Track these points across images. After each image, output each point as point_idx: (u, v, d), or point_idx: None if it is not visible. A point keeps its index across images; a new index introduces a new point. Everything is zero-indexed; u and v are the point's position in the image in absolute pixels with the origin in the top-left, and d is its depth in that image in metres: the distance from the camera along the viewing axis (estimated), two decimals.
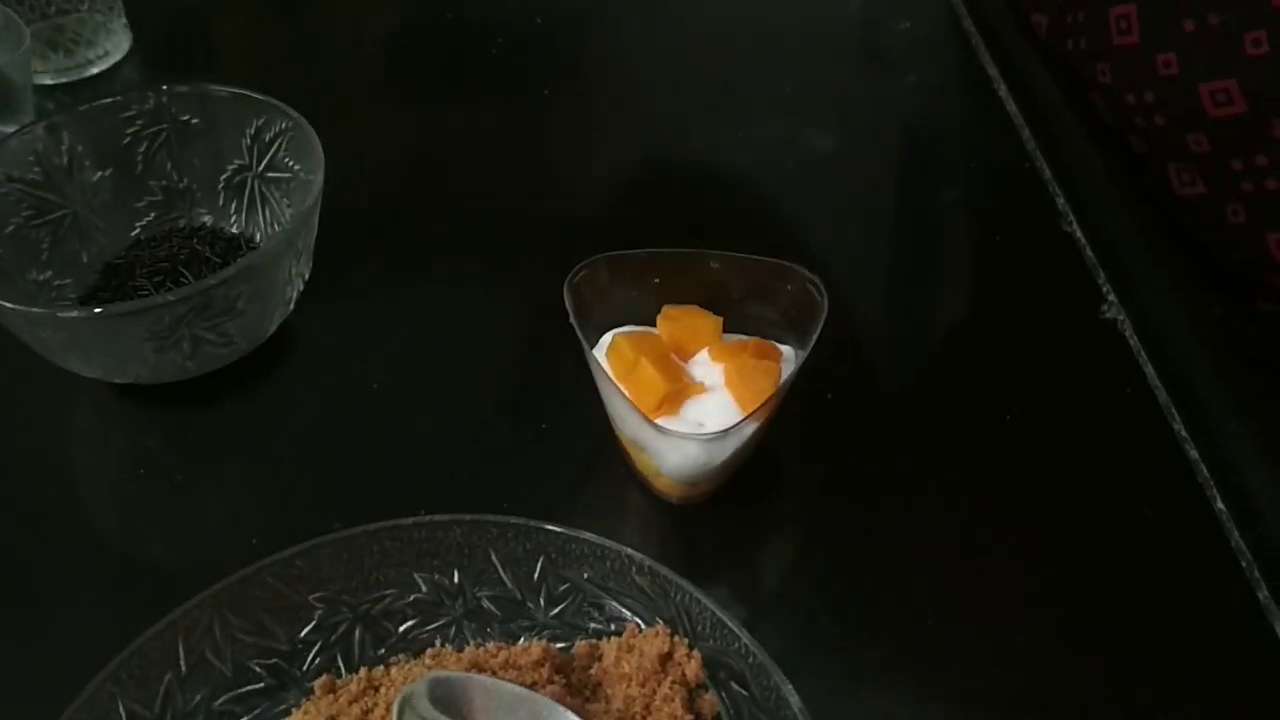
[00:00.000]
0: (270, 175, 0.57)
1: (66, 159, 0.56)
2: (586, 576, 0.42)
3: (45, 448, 0.53)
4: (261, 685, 0.41)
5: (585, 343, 0.46)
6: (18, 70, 0.61)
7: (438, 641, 0.43)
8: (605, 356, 0.47)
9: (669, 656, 0.40)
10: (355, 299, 0.59)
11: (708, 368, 0.48)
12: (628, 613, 0.42)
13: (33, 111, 0.62)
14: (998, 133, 0.70)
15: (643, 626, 0.42)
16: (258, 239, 0.58)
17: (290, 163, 0.56)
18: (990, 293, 0.61)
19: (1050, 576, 0.48)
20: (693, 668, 0.40)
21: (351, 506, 0.45)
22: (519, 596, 0.43)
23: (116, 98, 0.57)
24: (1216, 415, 0.52)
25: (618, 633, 0.42)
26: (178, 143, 0.58)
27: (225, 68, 0.76)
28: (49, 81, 0.70)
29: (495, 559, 0.43)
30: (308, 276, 0.55)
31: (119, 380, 0.53)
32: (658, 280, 0.49)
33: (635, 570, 0.41)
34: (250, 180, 0.58)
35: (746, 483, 0.49)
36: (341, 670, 0.42)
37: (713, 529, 0.49)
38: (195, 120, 0.57)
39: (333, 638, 0.42)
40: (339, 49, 0.77)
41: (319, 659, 0.42)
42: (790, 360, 0.48)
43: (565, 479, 0.51)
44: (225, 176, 0.59)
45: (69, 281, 0.56)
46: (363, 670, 0.41)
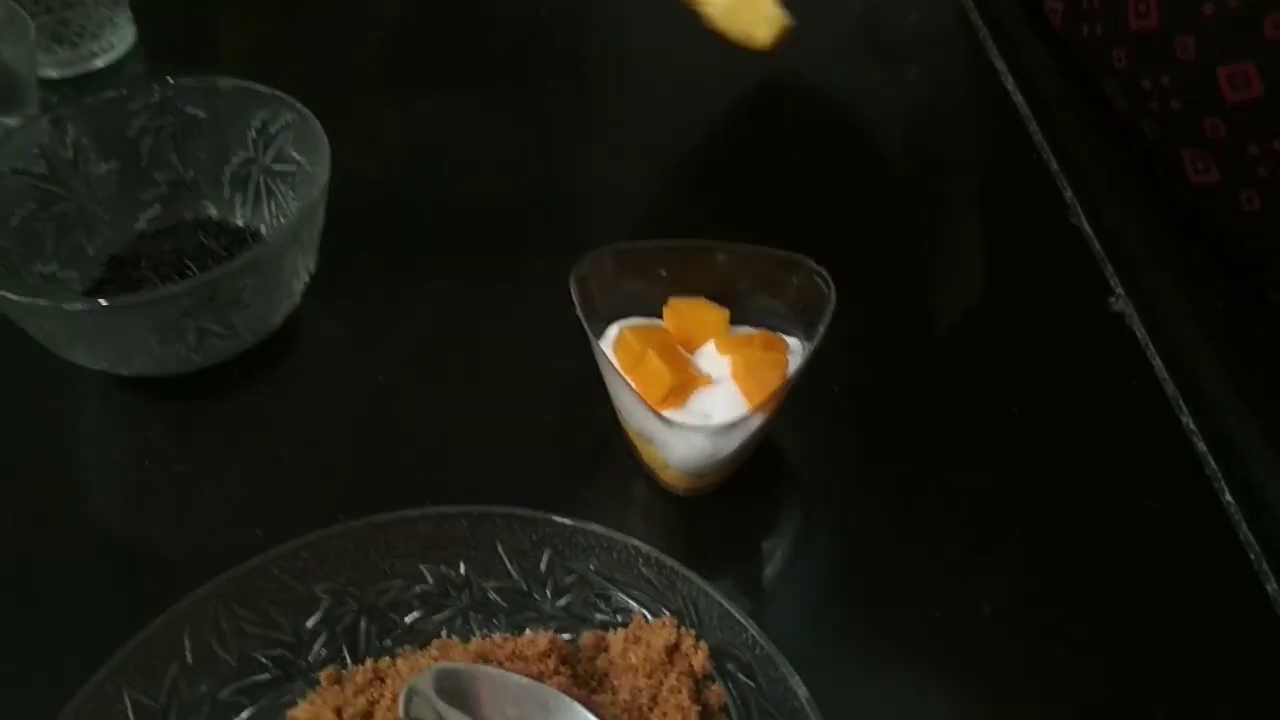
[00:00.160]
0: (275, 168, 0.57)
1: (71, 152, 0.55)
2: (593, 568, 0.42)
3: (50, 440, 0.53)
4: (267, 676, 0.41)
5: (591, 335, 0.46)
6: (22, 64, 0.60)
7: (444, 633, 0.43)
8: (612, 349, 0.47)
9: (676, 648, 0.40)
10: (361, 291, 0.58)
11: (714, 360, 0.48)
12: (634, 604, 0.42)
13: (37, 105, 0.62)
14: (1005, 126, 0.70)
15: (649, 618, 0.42)
16: (263, 232, 0.58)
17: (295, 155, 0.56)
18: (998, 285, 0.61)
19: (1057, 567, 0.47)
20: (699, 659, 0.40)
21: (357, 498, 0.45)
22: (525, 588, 0.43)
23: (121, 91, 0.57)
24: (1224, 407, 0.52)
25: (624, 624, 0.42)
26: (183, 135, 0.58)
27: (230, 60, 0.76)
28: (54, 75, 0.70)
29: (501, 550, 0.43)
30: (313, 269, 0.55)
31: (124, 373, 0.52)
32: (664, 272, 0.49)
33: (642, 562, 0.41)
34: (255, 173, 0.58)
35: (753, 475, 0.49)
36: (348, 661, 0.42)
37: (719, 521, 0.49)
38: (200, 113, 0.57)
39: (339, 629, 0.42)
40: (343, 42, 0.77)
41: (325, 650, 0.42)
42: (797, 353, 0.48)
43: (572, 471, 0.51)
44: (230, 169, 0.58)
45: (74, 274, 0.56)
46: (369, 661, 0.41)
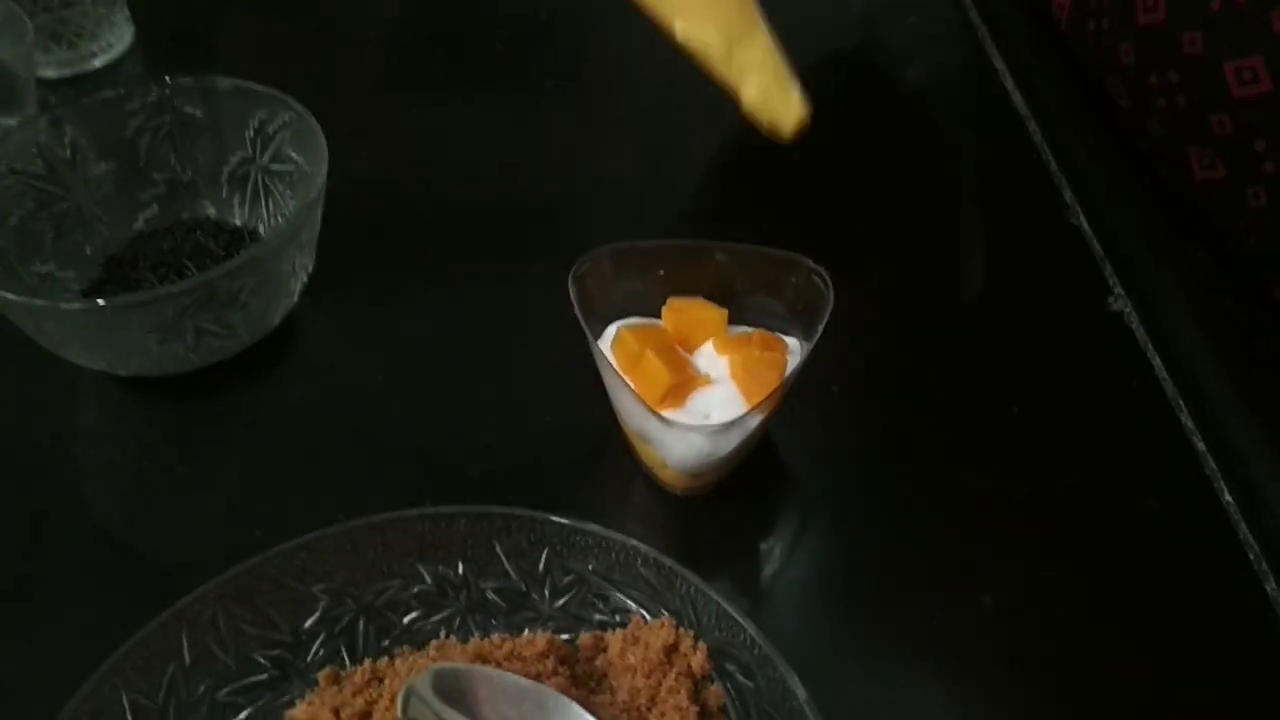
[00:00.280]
0: (274, 168, 0.57)
1: (69, 152, 0.55)
2: (591, 568, 0.42)
3: (48, 440, 0.53)
4: (265, 676, 0.41)
5: (589, 334, 0.46)
6: (20, 63, 0.60)
7: (442, 633, 0.43)
8: (610, 348, 0.47)
9: (674, 648, 0.40)
10: (359, 291, 0.58)
11: (713, 360, 0.48)
12: (633, 604, 0.42)
13: (35, 104, 0.62)
14: (1004, 126, 0.69)
15: (648, 618, 0.42)
16: (261, 231, 0.58)
17: (293, 155, 0.56)
18: (997, 285, 0.61)
19: (1056, 567, 0.47)
20: (698, 659, 0.40)
21: (355, 498, 0.45)
22: (523, 588, 0.43)
23: (119, 90, 0.56)
24: (1224, 407, 0.52)
25: (623, 624, 0.42)
26: (181, 135, 0.58)
27: (228, 60, 0.76)
28: (52, 75, 0.70)
29: (499, 551, 0.43)
30: (311, 269, 0.55)
31: (122, 372, 0.52)
32: (662, 272, 0.49)
33: (640, 562, 0.41)
34: (254, 173, 0.58)
35: (751, 474, 0.49)
36: (346, 661, 0.42)
37: (717, 520, 0.49)
38: (198, 113, 0.57)
39: (337, 629, 0.42)
40: (342, 42, 0.77)
41: (323, 650, 0.42)
42: (795, 352, 0.48)
43: (570, 471, 0.51)
44: (228, 169, 0.58)
45: (72, 274, 0.56)
46: (367, 661, 0.41)
